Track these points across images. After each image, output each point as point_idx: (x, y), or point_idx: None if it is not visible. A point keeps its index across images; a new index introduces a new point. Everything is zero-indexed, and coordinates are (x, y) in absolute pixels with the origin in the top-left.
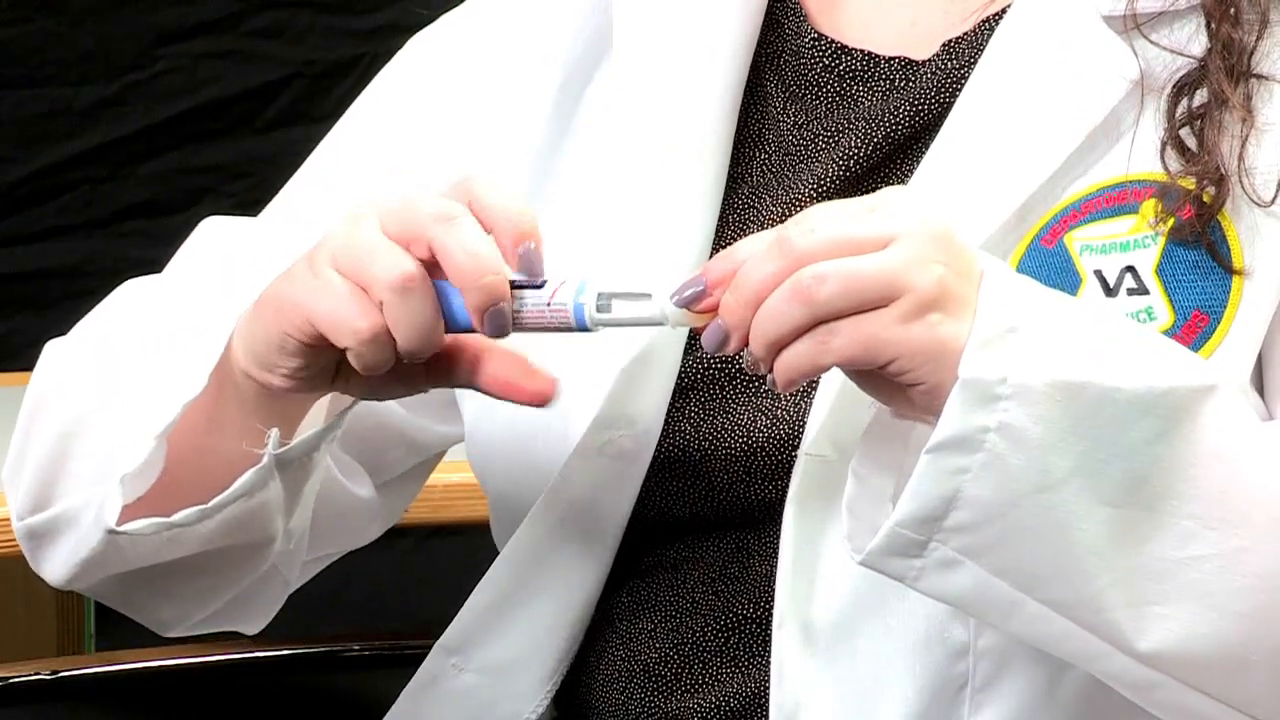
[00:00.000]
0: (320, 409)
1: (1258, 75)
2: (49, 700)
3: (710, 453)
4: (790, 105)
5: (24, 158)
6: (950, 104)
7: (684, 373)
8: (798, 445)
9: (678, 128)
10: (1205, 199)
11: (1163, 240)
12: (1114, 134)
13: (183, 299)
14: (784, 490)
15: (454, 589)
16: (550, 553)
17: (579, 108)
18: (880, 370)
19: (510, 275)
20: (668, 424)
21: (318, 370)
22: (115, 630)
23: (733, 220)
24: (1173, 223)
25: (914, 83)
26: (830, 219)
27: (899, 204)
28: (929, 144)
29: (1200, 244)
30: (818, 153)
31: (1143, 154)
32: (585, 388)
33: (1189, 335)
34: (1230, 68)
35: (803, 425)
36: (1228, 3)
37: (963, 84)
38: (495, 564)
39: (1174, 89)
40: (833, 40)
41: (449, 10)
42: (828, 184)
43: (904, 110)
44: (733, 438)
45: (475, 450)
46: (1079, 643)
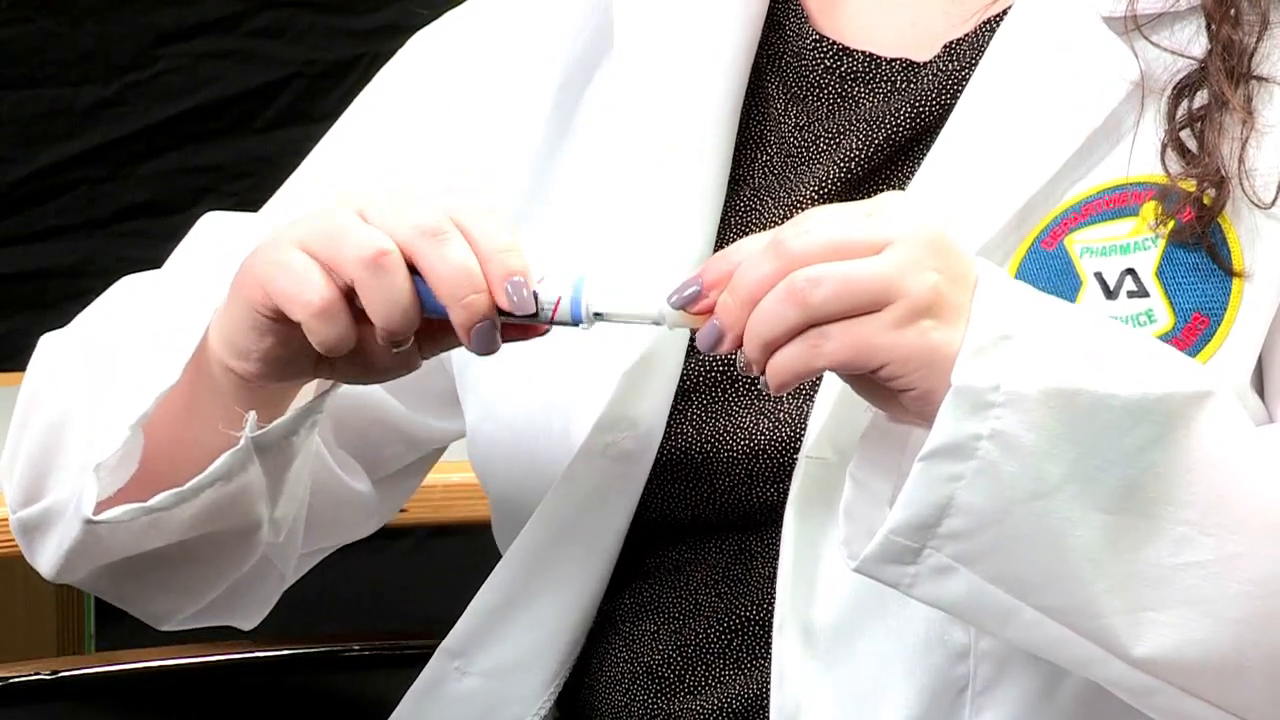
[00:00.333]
0: (307, 393)
1: (1258, 77)
2: (49, 700)
3: (712, 455)
4: (791, 106)
5: (24, 158)
6: (951, 105)
7: (686, 375)
8: (799, 448)
9: (679, 129)
10: (1205, 201)
11: (1163, 242)
12: (1114, 136)
13: (173, 292)
14: (785, 492)
15: (454, 589)
16: (553, 555)
17: (579, 108)
18: (872, 375)
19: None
20: (670, 426)
21: (290, 354)
22: (115, 630)
23: (734, 222)
24: (1173, 225)
25: (915, 84)
26: (827, 222)
27: (896, 209)
28: (930, 145)
29: (1200, 246)
30: (819, 154)
31: (1143, 156)
32: (588, 390)
33: (1189, 337)
34: (1230, 69)
35: (804, 428)
36: (1228, 4)
37: (964, 85)
38: (498, 568)
39: (1174, 91)
40: (834, 41)
41: (449, 10)
42: (829, 186)
43: (905, 112)
44: (734, 440)
45: (477, 451)
46: (1075, 649)
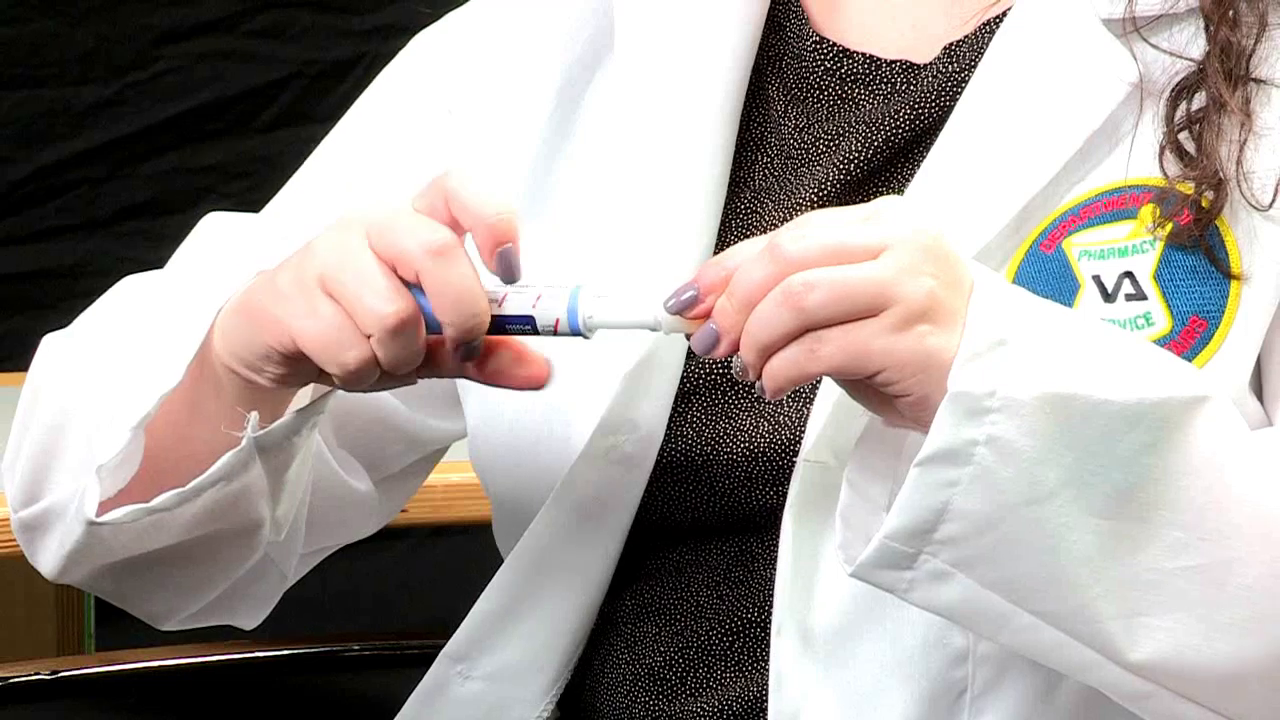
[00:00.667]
0: (306, 394)
1: (1256, 79)
2: (49, 700)
3: (712, 458)
4: (792, 108)
5: (24, 158)
6: (951, 107)
7: (686, 378)
8: (799, 451)
9: (679, 131)
10: (1203, 203)
11: (1161, 245)
12: (1113, 138)
13: (175, 293)
14: (785, 495)
15: (454, 589)
16: (554, 558)
17: (580, 109)
18: (868, 380)
19: (504, 288)
20: (670, 429)
21: (303, 374)
22: (115, 630)
23: (734, 224)
24: (1171, 227)
25: (915, 86)
26: (823, 227)
27: (893, 214)
28: (929, 147)
29: (1198, 249)
30: (819, 156)
31: (1141, 158)
32: (589, 393)
33: (1187, 340)
34: (1229, 71)
35: (803, 431)
36: (1226, 5)
37: (963, 87)
38: (500, 572)
39: (1172, 93)
40: (834, 43)
41: (449, 10)
42: (829, 188)
43: (905, 114)
44: (734, 443)
45: (478, 454)
46: (1071, 654)
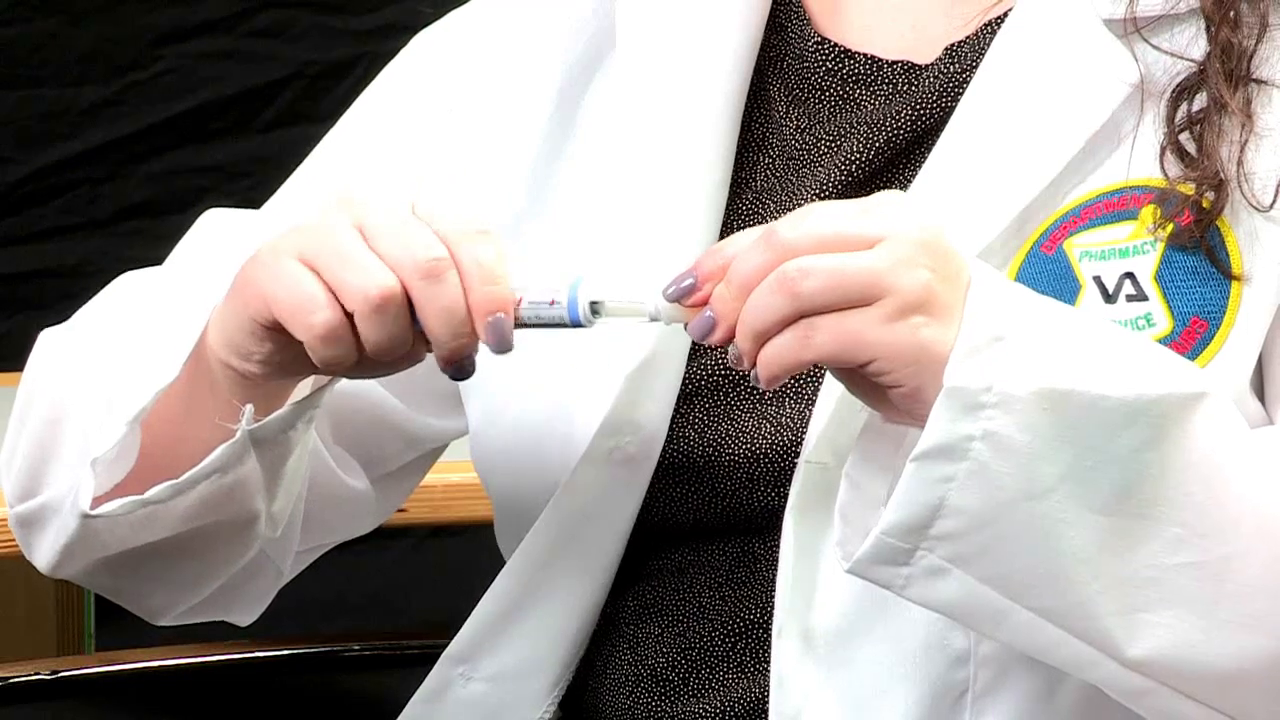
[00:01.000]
0: (304, 387)
1: (1257, 80)
2: (49, 700)
3: (714, 459)
4: (793, 109)
5: (24, 158)
6: (952, 108)
7: (688, 379)
8: (800, 452)
9: (681, 132)
10: (1204, 204)
11: (1162, 246)
12: (1114, 139)
13: (173, 289)
14: (787, 497)
15: (454, 589)
16: (556, 559)
17: (581, 110)
18: (860, 370)
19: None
20: (672, 430)
21: (291, 357)
22: (115, 630)
23: (736, 225)
24: (1172, 228)
25: (916, 87)
26: (821, 216)
27: (893, 207)
28: (931, 148)
29: (1199, 250)
30: (821, 157)
31: (1142, 159)
32: (591, 394)
33: (1188, 341)
34: (1229, 72)
35: (805, 432)
36: (1227, 6)
37: (965, 88)
38: (502, 574)
39: (1173, 93)
40: (836, 44)
41: (450, 9)
42: (831, 188)
43: (906, 114)
44: (736, 444)
45: (480, 454)
46: (1069, 650)
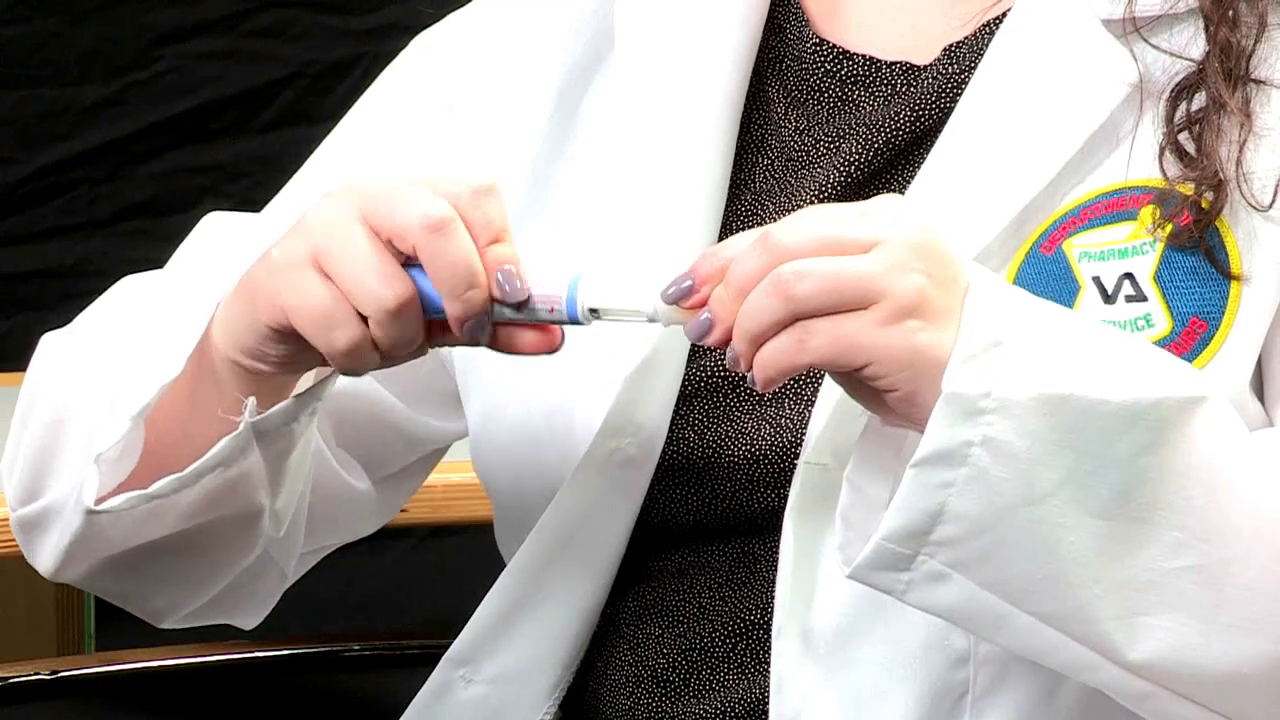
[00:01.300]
0: (306, 382)
1: (1256, 80)
2: (49, 700)
3: (714, 460)
4: (792, 110)
5: (24, 158)
6: (951, 109)
7: (688, 380)
8: (800, 453)
9: (680, 133)
10: (1203, 204)
11: (1161, 246)
12: (1113, 139)
13: (175, 290)
14: (786, 498)
15: (454, 589)
16: (557, 561)
17: (580, 111)
18: (856, 374)
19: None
20: (672, 431)
21: (306, 356)
22: (115, 630)
23: (735, 226)
24: (1171, 229)
25: (915, 87)
26: (817, 220)
27: (890, 211)
28: (930, 149)
29: (1198, 250)
30: (819, 158)
31: (1142, 159)
32: (590, 395)
33: (1187, 342)
34: (1228, 71)
35: (804, 433)
36: (1225, 5)
37: (964, 88)
38: (503, 576)
39: (1172, 93)
40: (834, 45)
41: (450, 10)
42: (830, 190)
43: (905, 115)
44: (736, 445)
45: (480, 456)
46: (1070, 654)
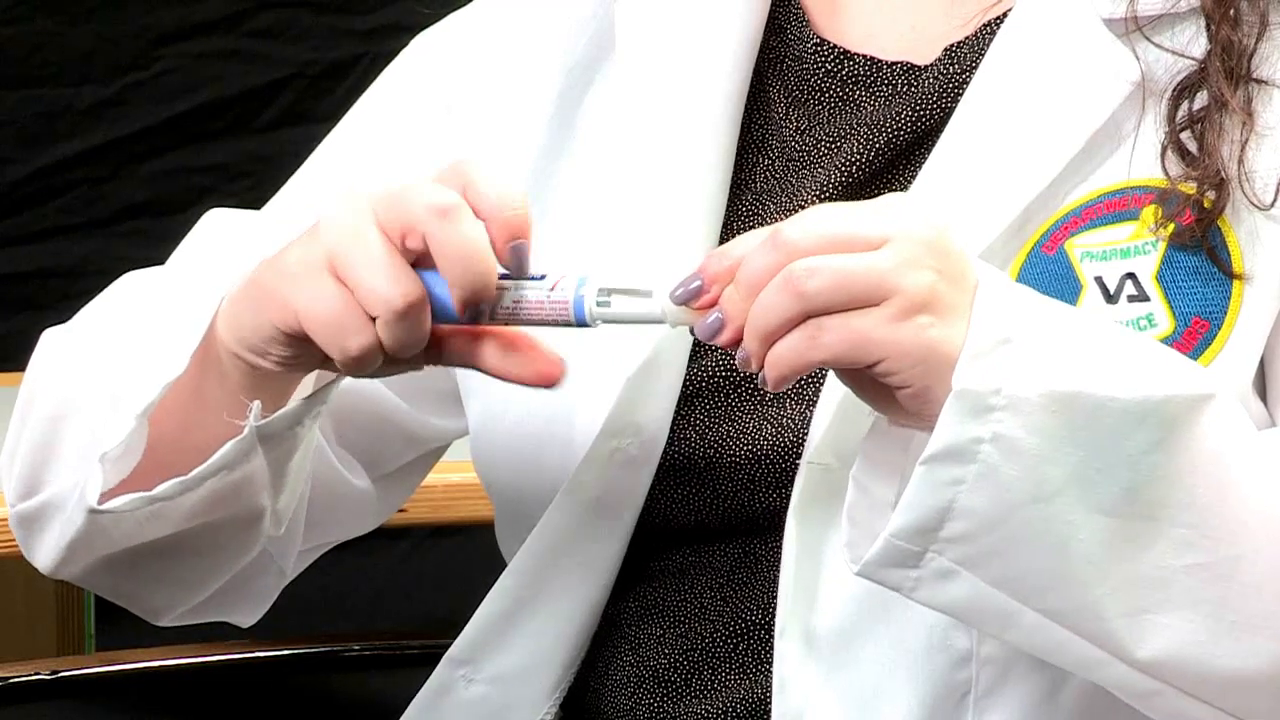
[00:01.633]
0: (309, 383)
1: (1257, 79)
2: (49, 700)
3: (715, 460)
4: (793, 110)
5: (24, 158)
6: (952, 108)
7: (689, 380)
8: (802, 453)
9: (680, 134)
10: (1205, 204)
11: (1163, 246)
12: (1115, 138)
13: (178, 285)
14: (789, 498)
15: (454, 589)
16: (558, 561)
17: (581, 112)
18: (868, 371)
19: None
20: (673, 431)
21: (313, 358)
22: (115, 630)
23: (736, 227)
24: (1173, 228)
25: (916, 87)
26: (827, 217)
27: (899, 208)
28: (931, 149)
29: (1200, 249)
30: (821, 158)
31: (1144, 159)
32: (592, 395)
33: (1189, 341)
34: (1230, 70)
35: (807, 433)
36: (1227, 4)
37: (965, 88)
38: (504, 575)
39: (1174, 92)
40: (835, 45)
41: (450, 10)
42: (831, 190)
43: (906, 115)
44: (737, 445)
45: (480, 455)
46: (1078, 651)
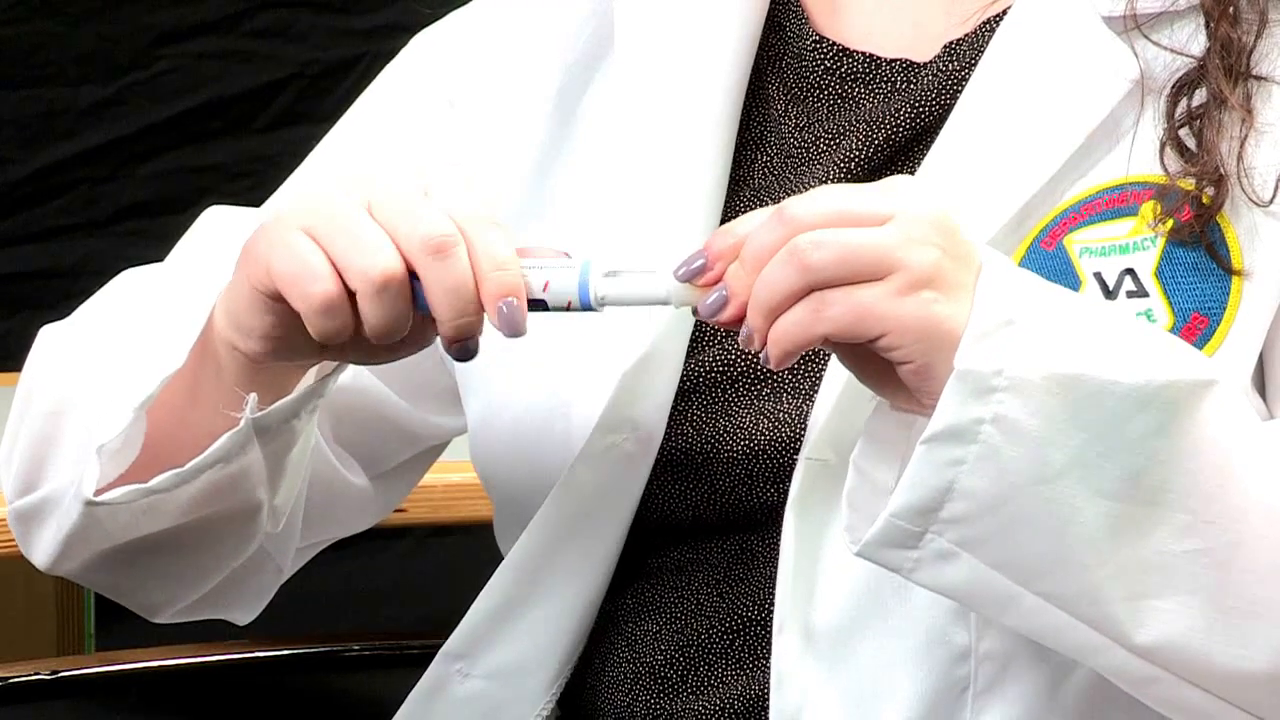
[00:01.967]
0: (308, 379)
1: (1257, 76)
2: (49, 700)
3: (712, 455)
4: (792, 107)
5: (24, 158)
6: (951, 106)
7: (686, 376)
8: (799, 448)
9: (679, 130)
10: (1204, 200)
11: (1162, 242)
12: (1114, 135)
13: (176, 281)
14: (786, 493)
15: (454, 589)
16: (554, 557)
17: (580, 109)
18: (870, 345)
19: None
20: (670, 427)
21: (292, 333)
22: (115, 630)
23: None
24: (1172, 224)
25: (915, 85)
26: (832, 195)
27: (903, 188)
28: (930, 146)
29: (1199, 245)
30: (819, 155)
31: (1143, 155)
32: (588, 391)
33: (1189, 337)
34: (1229, 67)
35: (804, 428)
36: (1226, 2)
37: (964, 86)
38: (500, 569)
39: (1173, 89)
40: (834, 42)
41: (450, 10)
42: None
43: (905, 112)
44: (735, 440)
45: (479, 453)
46: (1077, 636)
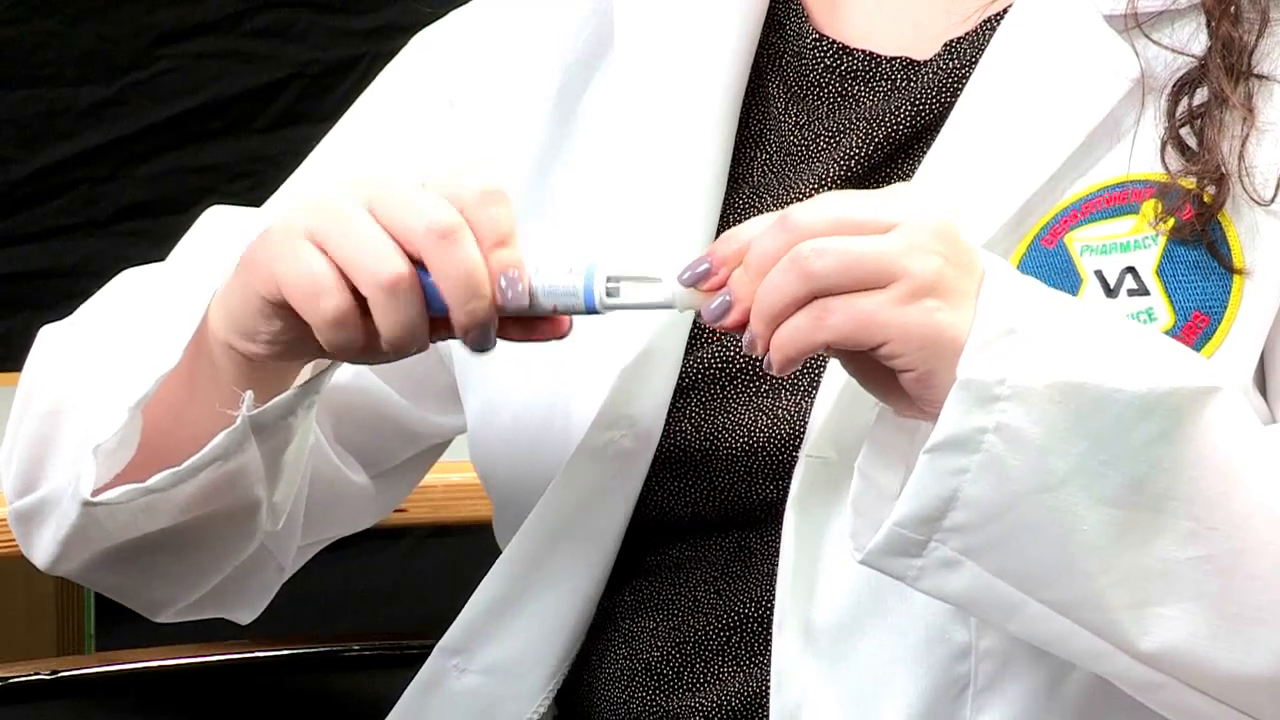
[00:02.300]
0: (304, 375)
1: (1258, 75)
2: (49, 700)
3: (711, 452)
4: (791, 106)
5: (24, 158)
6: (951, 104)
7: (685, 372)
8: (799, 445)
9: (679, 129)
10: (1205, 199)
11: (1163, 240)
12: (1115, 134)
13: (174, 281)
14: (785, 490)
15: (454, 589)
16: (552, 552)
17: (580, 107)
18: (872, 353)
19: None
20: (669, 424)
21: (300, 335)
22: (115, 630)
23: (733, 220)
24: (1173, 223)
25: (915, 83)
26: (836, 202)
27: (906, 196)
28: (930, 144)
29: (1200, 244)
30: (819, 153)
31: (1143, 154)
32: (586, 387)
33: (1189, 336)
34: (1230, 66)
35: (804, 425)
36: (1227, 1)
37: (964, 84)
38: (497, 564)
39: (1174, 88)
40: (834, 40)
41: (449, 9)
42: (829, 184)
43: (905, 110)
44: (733, 437)
45: (478, 450)
46: (1081, 643)
